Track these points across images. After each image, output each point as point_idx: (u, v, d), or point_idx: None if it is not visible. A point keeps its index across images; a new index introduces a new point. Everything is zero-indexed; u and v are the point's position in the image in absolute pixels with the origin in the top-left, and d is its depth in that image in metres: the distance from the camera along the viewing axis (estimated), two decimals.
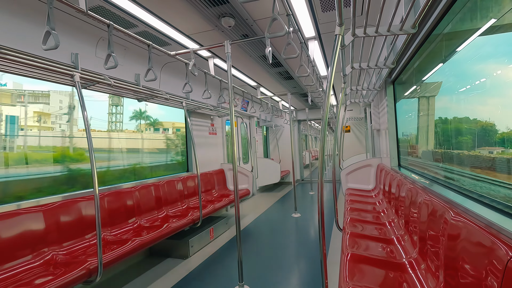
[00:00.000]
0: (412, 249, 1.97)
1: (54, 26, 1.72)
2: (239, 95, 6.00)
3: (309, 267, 2.94)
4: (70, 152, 3.90)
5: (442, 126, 2.40)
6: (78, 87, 2.18)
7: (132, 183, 3.48)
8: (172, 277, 2.83)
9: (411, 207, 2.14)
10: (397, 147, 3.87)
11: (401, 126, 3.80)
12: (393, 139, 3.87)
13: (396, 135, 3.86)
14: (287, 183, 9.02)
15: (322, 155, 1.60)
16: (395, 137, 3.87)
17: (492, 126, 1.65)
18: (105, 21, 2.06)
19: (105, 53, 2.14)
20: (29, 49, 2.16)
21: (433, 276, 1.52)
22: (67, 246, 2.43)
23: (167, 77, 3.88)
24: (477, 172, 1.81)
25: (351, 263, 1.83)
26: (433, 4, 1.82)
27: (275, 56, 3.88)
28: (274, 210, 5.65)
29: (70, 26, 2.48)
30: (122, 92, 3.06)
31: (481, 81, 1.66)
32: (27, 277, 1.97)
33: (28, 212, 2.24)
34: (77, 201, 2.64)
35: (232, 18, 2.62)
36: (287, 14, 2.19)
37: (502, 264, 0.93)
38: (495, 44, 1.57)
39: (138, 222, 3.23)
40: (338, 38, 1.52)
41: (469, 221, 1.23)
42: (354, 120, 8.48)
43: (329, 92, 1.55)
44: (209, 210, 3.91)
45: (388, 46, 2.49)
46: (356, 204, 3.59)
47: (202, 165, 4.93)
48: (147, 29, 2.79)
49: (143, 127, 7.58)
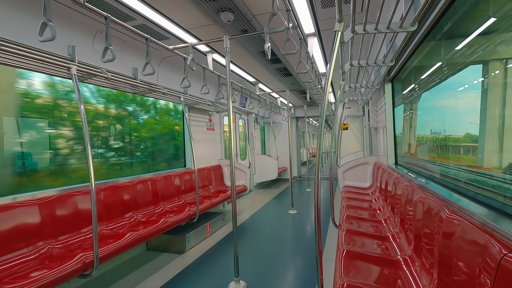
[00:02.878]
0: (407, 247, 1.98)
1: (51, 18, 1.70)
2: (238, 91, 5.98)
3: (305, 263, 2.96)
4: None
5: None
6: (75, 80, 2.16)
7: (129, 178, 3.47)
8: (168, 272, 2.84)
9: (407, 205, 2.15)
10: (394, 145, 3.88)
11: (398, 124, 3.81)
12: (391, 137, 3.88)
13: (394, 133, 3.87)
14: (284, 180, 9.04)
15: (319, 152, 1.60)
16: (392, 135, 3.88)
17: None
18: (103, 13, 2.04)
19: (103, 46, 2.12)
20: (25, 41, 2.13)
21: (427, 273, 1.53)
22: (63, 239, 2.42)
23: (165, 71, 3.85)
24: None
25: (346, 260, 1.84)
26: (434, 1, 1.81)
27: (274, 52, 3.86)
28: (271, 207, 5.67)
29: (67, 18, 2.45)
30: (119, 86, 3.04)
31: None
32: (22, 270, 1.97)
33: (23, 206, 2.23)
34: (73, 194, 2.63)
35: (232, 12, 2.60)
36: (286, 9, 2.17)
37: (495, 262, 0.94)
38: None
39: (135, 217, 3.22)
40: (338, 34, 1.51)
41: (464, 219, 1.24)
42: (352, 117, 8.49)
43: (328, 88, 1.55)
44: (206, 205, 3.91)
45: (387, 44, 2.48)
46: (352, 202, 3.61)
47: (200, 160, 4.93)
48: (146, 22, 2.76)
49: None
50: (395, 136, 3.88)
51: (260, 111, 7.96)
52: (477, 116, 1.66)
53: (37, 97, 2.74)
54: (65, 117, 2.98)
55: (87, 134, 2.06)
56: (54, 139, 2.87)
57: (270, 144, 9.46)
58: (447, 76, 2.16)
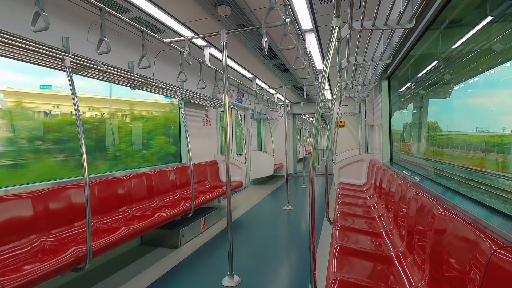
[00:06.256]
0: (400, 243, 2.00)
1: (44, 7, 1.66)
2: (235, 87, 5.95)
3: (299, 258, 2.98)
4: None
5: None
6: (69, 72, 2.13)
7: (123, 172, 3.45)
8: (163, 266, 2.84)
9: (400, 202, 2.17)
10: (389, 143, 3.90)
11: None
12: (386, 134, 3.90)
13: (389, 131, 3.89)
14: (280, 176, 9.07)
15: (315, 149, 1.60)
16: (388, 133, 3.90)
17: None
18: (98, 4, 2.00)
19: (98, 38, 2.08)
20: (17, 31, 2.09)
21: (419, 269, 1.55)
22: (56, 233, 2.40)
23: (161, 65, 3.81)
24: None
25: (339, 255, 1.85)
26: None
27: (272, 48, 3.84)
28: (266, 203, 5.69)
29: (61, 8, 2.41)
30: (114, 78, 3.00)
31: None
32: (14, 262, 1.95)
33: (16, 198, 2.20)
34: (67, 188, 2.61)
35: (229, 6, 2.57)
36: (284, 4, 2.16)
37: (485, 258, 0.95)
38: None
39: (129, 211, 3.21)
40: (335, 30, 1.51)
41: (456, 216, 1.25)
42: (348, 115, 8.51)
43: (324, 84, 1.54)
44: (201, 200, 3.91)
45: (385, 41, 2.48)
46: (347, 198, 3.63)
47: (196, 156, 4.91)
48: (141, 14, 2.72)
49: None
50: (390, 133, 3.89)
51: (257, 107, 7.94)
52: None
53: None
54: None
55: (80, 127, 2.04)
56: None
57: (266, 140, 9.46)
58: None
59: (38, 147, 2.88)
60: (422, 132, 2.80)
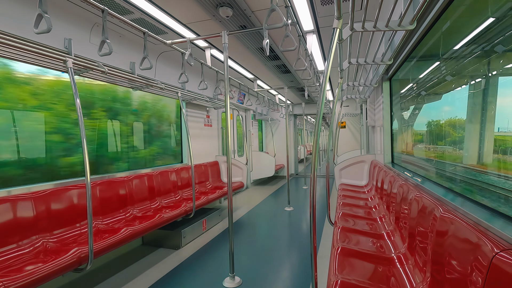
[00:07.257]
0: (401, 244, 2.00)
1: (47, 9, 1.68)
2: (236, 87, 5.96)
3: (300, 260, 2.98)
4: None
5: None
6: (71, 73, 2.14)
7: (125, 173, 3.46)
8: (164, 267, 2.84)
9: (402, 204, 2.17)
10: (391, 144, 3.90)
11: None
12: (388, 135, 3.90)
13: (391, 132, 3.88)
14: (281, 177, 9.06)
15: (316, 149, 1.60)
16: (389, 134, 3.89)
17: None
18: (100, 6, 2.01)
19: (100, 39, 2.09)
20: (20, 33, 2.10)
21: (420, 271, 1.55)
22: (57, 234, 2.41)
23: (162, 66, 3.82)
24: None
25: (341, 257, 1.85)
26: (433, 0, 1.81)
27: (273, 49, 3.85)
28: (267, 204, 5.68)
29: (63, 10, 2.42)
30: (116, 80, 3.01)
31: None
32: (16, 263, 1.96)
33: (18, 199, 2.21)
34: (68, 189, 2.62)
35: (230, 8, 2.58)
36: (285, 5, 2.16)
37: (487, 260, 0.94)
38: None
39: (131, 212, 3.22)
40: (336, 31, 1.51)
41: (458, 218, 1.25)
42: (350, 116, 8.50)
43: (325, 85, 1.55)
44: (203, 201, 3.91)
45: (386, 43, 2.48)
46: (348, 199, 3.62)
47: (197, 156, 4.92)
48: (143, 16, 2.73)
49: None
50: (392, 134, 3.89)
51: (258, 108, 7.95)
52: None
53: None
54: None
55: (83, 128, 2.05)
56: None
57: (267, 141, 9.46)
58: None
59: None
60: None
